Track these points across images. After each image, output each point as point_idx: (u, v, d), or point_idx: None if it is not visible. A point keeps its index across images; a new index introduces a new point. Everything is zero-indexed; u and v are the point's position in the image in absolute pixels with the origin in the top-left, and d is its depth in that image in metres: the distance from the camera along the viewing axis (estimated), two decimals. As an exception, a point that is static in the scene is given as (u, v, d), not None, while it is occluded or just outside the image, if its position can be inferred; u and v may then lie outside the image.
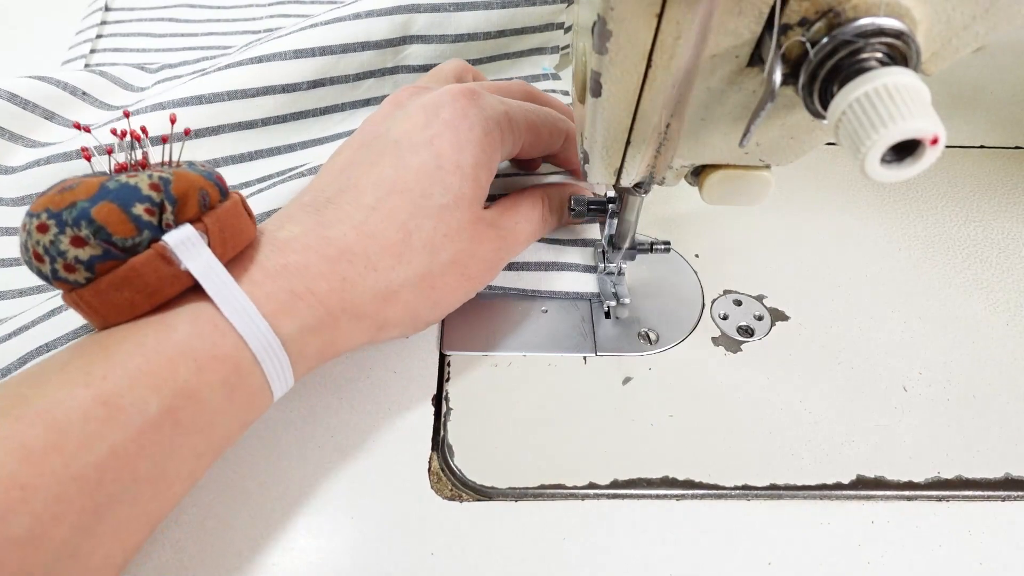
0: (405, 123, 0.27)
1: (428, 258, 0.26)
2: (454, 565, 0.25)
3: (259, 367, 0.22)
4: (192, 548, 0.25)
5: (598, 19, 0.18)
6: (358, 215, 0.25)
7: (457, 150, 0.27)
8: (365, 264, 0.25)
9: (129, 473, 0.19)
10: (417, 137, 0.27)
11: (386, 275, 0.25)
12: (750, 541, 0.26)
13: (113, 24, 0.47)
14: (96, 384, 0.19)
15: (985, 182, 0.40)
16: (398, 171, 0.26)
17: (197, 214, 0.21)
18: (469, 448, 0.28)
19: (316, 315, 0.23)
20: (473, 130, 0.27)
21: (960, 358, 0.31)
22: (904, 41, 0.16)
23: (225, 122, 0.34)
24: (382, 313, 0.26)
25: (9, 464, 0.17)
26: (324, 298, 0.23)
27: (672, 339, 0.32)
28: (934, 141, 0.15)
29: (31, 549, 0.18)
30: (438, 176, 0.26)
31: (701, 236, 0.36)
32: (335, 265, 0.24)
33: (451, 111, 0.27)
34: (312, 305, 0.23)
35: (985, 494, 0.27)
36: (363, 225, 0.25)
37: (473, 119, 0.27)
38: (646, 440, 0.28)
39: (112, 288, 0.20)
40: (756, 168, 0.24)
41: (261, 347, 0.22)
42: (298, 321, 0.23)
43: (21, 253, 0.20)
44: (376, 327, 0.26)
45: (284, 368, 0.23)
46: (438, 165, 0.26)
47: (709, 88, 0.20)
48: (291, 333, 0.23)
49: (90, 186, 0.20)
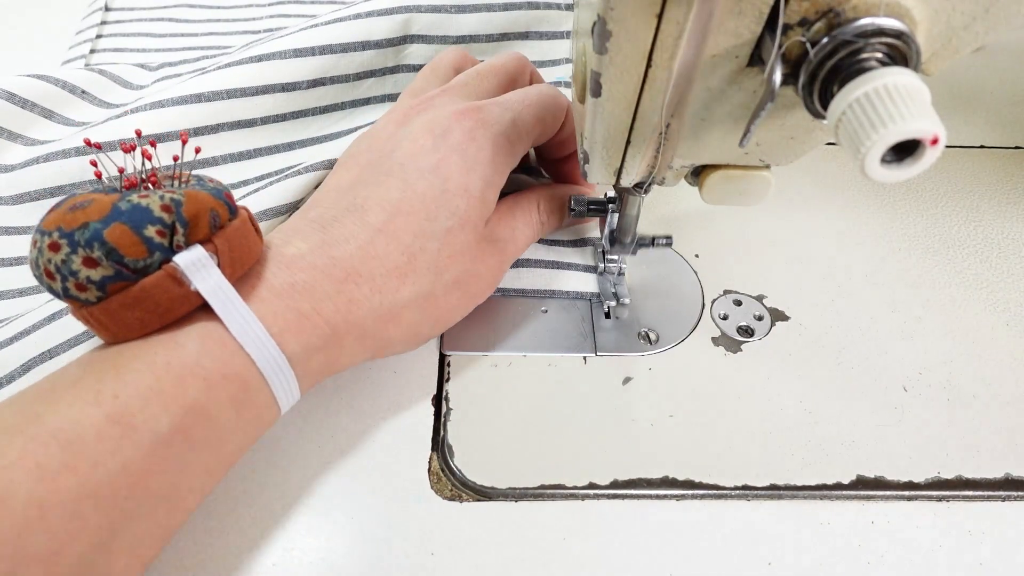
0: (411, 145, 0.27)
1: (432, 279, 0.26)
2: (454, 565, 0.25)
3: (266, 384, 0.22)
4: (192, 548, 0.25)
5: (598, 19, 0.18)
6: (364, 235, 0.25)
7: (465, 173, 0.27)
8: (371, 287, 0.25)
9: (142, 489, 0.20)
10: (423, 162, 0.27)
11: (391, 296, 0.25)
12: (750, 541, 0.26)
13: (113, 24, 0.47)
14: (107, 403, 0.19)
15: (985, 182, 0.40)
16: (404, 194, 0.26)
17: (207, 235, 0.21)
18: (469, 448, 0.28)
19: (321, 335, 0.24)
20: (482, 151, 0.27)
21: (960, 358, 0.31)
22: (904, 41, 0.16)
23: (224, 120, 0.34)
24: (385, 332, 0.26)
25: (26, 483, 0.18)
26: (329, 318, 0.24)
27: (672, 339, 0.32)
28: (934, 141, 0.15)
29: (49, 566, 0.18)
30: (444, 200, 0.26)
31: (701, 236, 0.36)
32: (341, 286, 0.24)
33: (458, 135, 0.27)
34: (318, 325, 0.23)
35: (985, 494, 0.27)
36: (369, 246, 0.25)
37: (481, 140, 0.27)
38: (646, 440, 0.28)
39: (123, 308, 0.20)
40: (756, 168, 0.24)
41: (268, 365, 0.22)
42: (303, 340, 0.23)
43: (31, 268, 0.21)
44: (378, 345, 0.26)
45: (290, 384, 0.23)
46: (444, 189, 0.26)
47: (709, 88, 0.20)
48: (297, 351, 0.23)
49: (102, 206, 0.20)
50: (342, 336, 0.24)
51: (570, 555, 0.25)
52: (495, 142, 0.28)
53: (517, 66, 0.33)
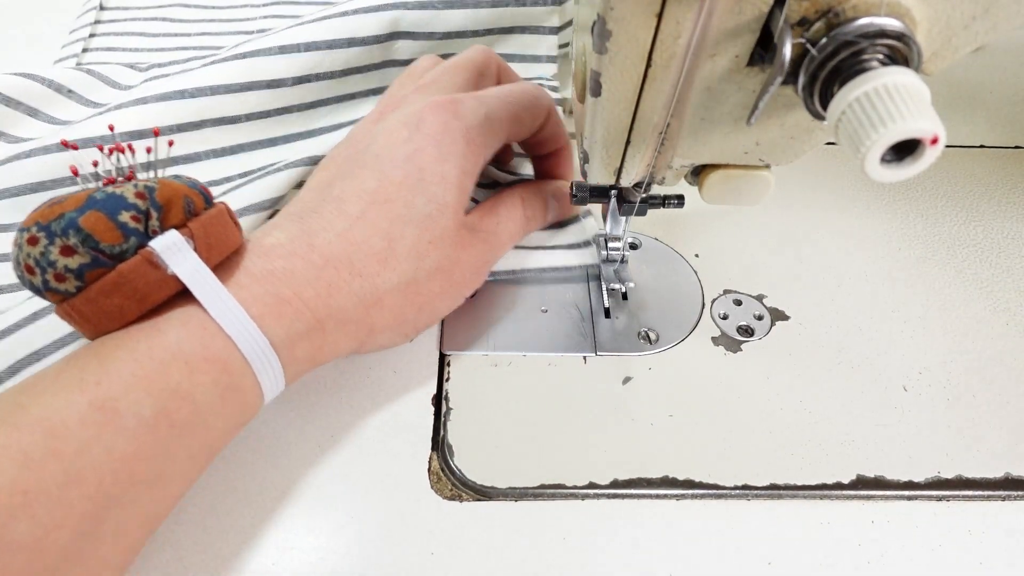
0: (386, 138, 0.28)
1: (413, 264, 0.26)
2: (454, 565, 0.25)
3: (249, 368, 0.22)
4: (192, 548, 0.25)
5: (598, 19, 0.18)
6: (342, 223, 0.26)
7: (440, 161, 0.27)
8: (350, 271, 0.25)
9: (127, 476, 0.20)
10: (399, 152, 0.27)
11: (371, 281, 0.25)
12: (750, 541, 0.26)
13: (107, 23, 0.47)
14: (91, 390, 0.20)
15: (985, 182, 0.40)
16: (381, 183, 0.27)
17: (183, 220, 0.22)
18: (469, 448, 0.28)
19: (304, 320, 0.24)
20: (456, 143, 0.28)
21: (960, 358, 0.31)
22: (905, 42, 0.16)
23: (208, 117, 0.34)
24: (368, 319, 0.26)
25: (10, 471, 0.18)
26: (310, 303, 0.24)
27: (672, 339, 0.32)
28: (934, 141, 0.15)
29: (34, 554, 0.18)
30: (421, 187, 0.27)
31: (701, 236, 0.36)
32: (321, 272, 0.24)
33: (432, 125, 0.28)
34: (299, 310, 0.24)
35: (985, 494, 0.27)
36: (348, 233, 0.26)
37: (455, 132, 0.28)
38: (646, 440, 0.28)
39: (102, 295, 0.21)
40: (756, 168, 0.24)
41: (249, 347, 0.22)
42: (285, 325, 0.23)
43: (14, 268, 0.21)
44: (363, 333, 0.26)
45: (274, 369, 0.23)
46: (420, 177, 0.27)
47: (709, 88, 0.20)
48: (279, 336, 0.23)
49: (78, 198, 0.21)
50: (324, 321, 0.24)
51: (570, 555, 0.25)
52: (467, 136, 0.28)
53: (484, 59, 0.33)
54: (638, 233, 0.36)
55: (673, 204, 0.31)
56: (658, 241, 0.36)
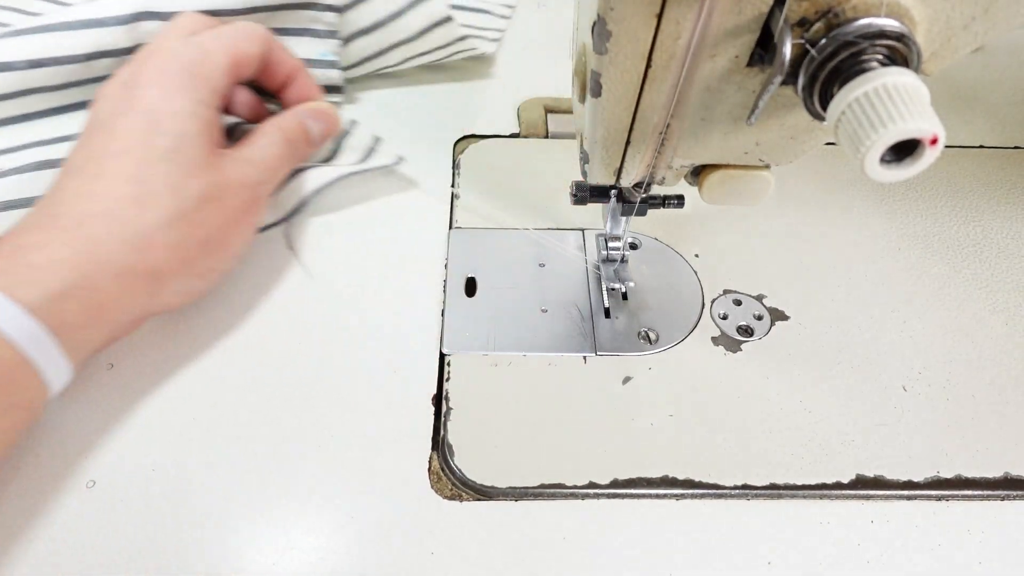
0: (106, 103, 0.28)
1: (174, 198, 0.27)
2: (454, 565, 0.25)
3: (2, 337, 0.22)
4: (192, 548, 0.25)
5: (598, 19, 0.18)
6: (84, 187, 0.26)
7: (167, 99, 0.28)
8: (107, 220, 0.25)
9: None
10: (120, 107, 0.28)
11: (133, 224, 0.26)
12: (750, 541, 0.26)
13: None
14: None
15: (985, 182, 0.40)
16: (112, 139, 0.27)
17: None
18: (469, 448, 0.28)
19: (63, 279, 0.24)
20: (178, 76, 0.28)
21: (960, 358, 0.31)
22: (904, 43, 0.16)
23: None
24: (145, 262, 0.26)
25: None
26: (70, 261, 0.24)
27: (672, 339, 0.32)
28: (933, 141, 0.15)
29: None
30: (155, 127, 0.27)
31: (701, 236, 0.36)
32: (75, 232, 0.25)
33: (149, 72, 0.28)
34: (56, 271, 0.24)
35: (985, 494, 0.27)
36: (92, 193, 0.26)
37: (173, 69, 0.28)
38: (646, 440, 0.28)
39: None
40: (756, 168, 0.24)
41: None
42: (40, 287, 0.23)
43: None
44: (147, 281, 0.26)
45: (40, 338, 0.23)
46: (152, 119, 0.27)
47: (709, 88, 0.20)
48: (37, 300, 0.23)
49: None
50: (93, 276, 0.24)
51: (570, 555, 0.25)
52: (189, 67, 0.29)
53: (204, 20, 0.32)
54: (638, 233, 0.36)
55: (673, 204, 0.31)
56: (658, 241, 0.36)
